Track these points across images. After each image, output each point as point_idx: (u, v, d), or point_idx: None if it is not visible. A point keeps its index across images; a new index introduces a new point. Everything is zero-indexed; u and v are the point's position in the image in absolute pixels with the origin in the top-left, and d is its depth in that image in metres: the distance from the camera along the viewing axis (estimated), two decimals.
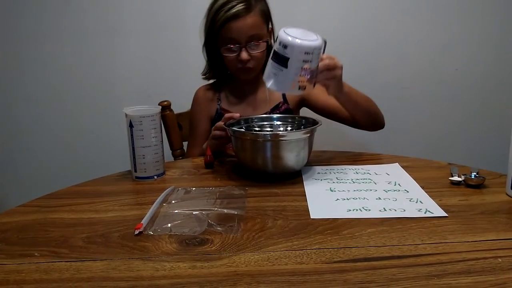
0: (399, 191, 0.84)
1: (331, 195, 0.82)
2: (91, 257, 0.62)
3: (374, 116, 1.13)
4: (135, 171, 0.95)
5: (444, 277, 0.54)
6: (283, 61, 0.85)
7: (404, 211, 0.74)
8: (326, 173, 0.95)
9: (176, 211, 0.76)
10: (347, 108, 1.10)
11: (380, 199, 0.80)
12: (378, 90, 1.80)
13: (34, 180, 1.77)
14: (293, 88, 0.88)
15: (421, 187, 0.85)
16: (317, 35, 0.87)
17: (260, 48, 1.13)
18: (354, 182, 0.89)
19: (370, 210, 0.75)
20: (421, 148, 1.76)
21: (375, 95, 1.13)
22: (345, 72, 0.94)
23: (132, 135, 0.93)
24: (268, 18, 1.17)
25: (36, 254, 0.64)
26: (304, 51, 0.84)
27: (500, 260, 0.58)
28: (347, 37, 1.65)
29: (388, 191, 0.84)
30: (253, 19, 1.10)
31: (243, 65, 1.14)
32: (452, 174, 0.89)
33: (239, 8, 1.08)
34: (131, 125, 0.92)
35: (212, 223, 0.71)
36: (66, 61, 1.70)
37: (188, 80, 1.31)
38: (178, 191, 0.86)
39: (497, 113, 1.77)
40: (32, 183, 1.75)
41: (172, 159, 1.33)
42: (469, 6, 1.69)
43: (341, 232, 0.67)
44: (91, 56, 1.69)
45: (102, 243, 0.67)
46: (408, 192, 0.83)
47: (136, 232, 0.69)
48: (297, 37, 0.84)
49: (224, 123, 1.01)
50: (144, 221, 0.72)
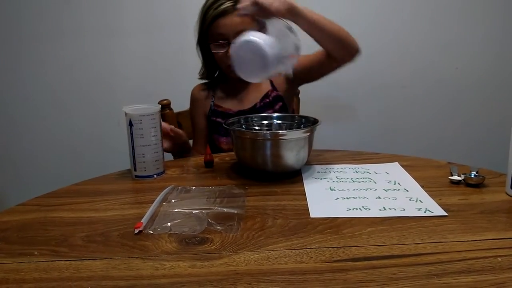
0: (399, 190, 0.84)
1: (331, 194, 0.82)
2: (91, 256, 0.62)
3: (345, 41, 1.08)
4: (135, 170, 0.95)
5: (444, 276, 0.54)
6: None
7: (404, 210, 0.74)
8: (326, 172, 0.95)
9: (176, 210, 0.76)
10: (315, 37, 1.05)
11: (380, 198, 0.80)
12: (378, 90, 1.81)
13: (34, 179, 1.77)
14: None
15: (420, 186, 0.85)
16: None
17: None
18: (354, 181, 0.89)
19: (370, 209, 0.75)
20: (421, 147, 1.76)
21: (375, 94, 1.13)
22: (345, 71, 0.94)
23: (131, 134, 0.93)
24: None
25: (36, 253, 0.64)
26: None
27: (499, 259, 0.58)
28: None
29: (388, 190, 0.84)
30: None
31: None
32: (451, 173, 0.89)
33: (228, 5, 1.12)
34: (130, 124, 0.92)
35: (212, 222, 0.71)
36: (66, 60, 1.70)
37: (188, 78, 1.32)
38: (178, 190, 0.86)
39: (497, 112, 1.77)
40: (32, 182, 1.75)
41: (172, 158, 1.33)
42: (469, 5, 1.69)
43: (341, 231, 0.67)
44: (91, 56, 1.69)
45: (102, 242, 0.66)
46: (407, 191, 0.83)
47: (136, 231, 0.69)
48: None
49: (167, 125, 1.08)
50: (144, 220, 0.72)
